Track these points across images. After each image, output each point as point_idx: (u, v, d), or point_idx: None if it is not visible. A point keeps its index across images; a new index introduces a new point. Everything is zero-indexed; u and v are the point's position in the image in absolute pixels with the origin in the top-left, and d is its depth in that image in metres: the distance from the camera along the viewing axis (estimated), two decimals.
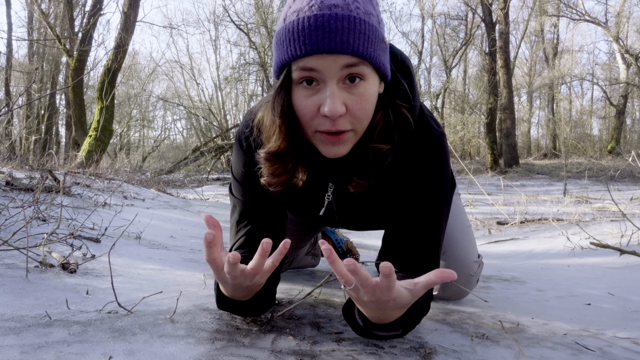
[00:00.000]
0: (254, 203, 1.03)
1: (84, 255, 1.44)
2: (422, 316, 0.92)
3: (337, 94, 0.79)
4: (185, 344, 0.77)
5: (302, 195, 1.04)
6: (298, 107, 0.83)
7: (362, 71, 0.79)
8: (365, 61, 0.79)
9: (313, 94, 0.81)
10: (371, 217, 1.07)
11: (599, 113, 22.47)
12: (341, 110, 0.79)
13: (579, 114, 23.28)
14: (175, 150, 17.42)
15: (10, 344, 0.71)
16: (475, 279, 1.28)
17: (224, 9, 16.86)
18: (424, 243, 0.95)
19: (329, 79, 0.78)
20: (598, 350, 0.93)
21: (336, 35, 0.75)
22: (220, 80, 18.72)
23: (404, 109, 0.91)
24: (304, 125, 0.85)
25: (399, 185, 0.96)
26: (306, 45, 0.76)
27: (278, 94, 0.84)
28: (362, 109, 0.82)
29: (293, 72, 0.80)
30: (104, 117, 7.40)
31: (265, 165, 0.93)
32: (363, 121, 0.84)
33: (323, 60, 0.77)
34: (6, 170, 3.33)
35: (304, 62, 0.78)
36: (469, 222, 1.30)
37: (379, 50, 0.81)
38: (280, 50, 0.81)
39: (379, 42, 0.81)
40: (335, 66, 0.77)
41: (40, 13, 10.76)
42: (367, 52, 0.78)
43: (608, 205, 4.37)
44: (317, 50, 0.76)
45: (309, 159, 0.95)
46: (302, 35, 0.76)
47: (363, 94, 0.81)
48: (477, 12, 16.49)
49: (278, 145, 0.88)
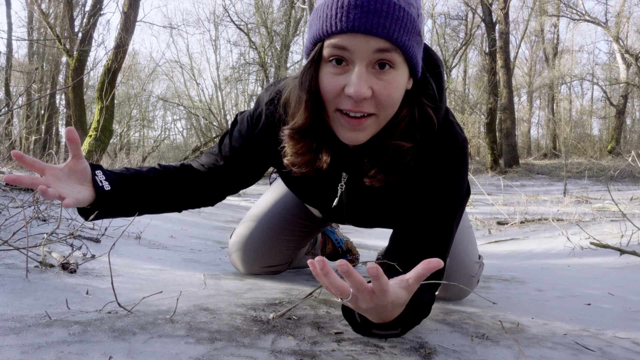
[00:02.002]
0: (234, 160, 1.09)
1: (84, 255, 1.44)
2: (422, 317, 0.91)
3: (365, 77, 0.78)
4: (185, 344, 0.77)
5: (316, 183, 1.05)
6: (323, 84, 0.82)
7: (394, 58, 0.78)
8: (398, 49, 0.78)
9: (341, 73, 0.80)
10: (381, 214, 1.07)
11: (599, 113, 22.47)
12: (366, 93, 0.78)
13: (579, 114, 23.28)
14: (175, 150, 17.43)
15: (10, 344, 0.71)
16: (476, 280, 1.28)
17: (224, 9, 16.89)
18: (433, 248, 0.94)
19: (359, 60, 0.78)
20: (598, 350, 0.93)
21: (374, 16, 0.75)
22: (220, 80, 18.71)
23: (430, 109, 0.90)
24: (326, 103, 0.84)
25: (414, 186, 0.95)
26: (342, 23, 0.76)
27: (307, 70, 0.84)
28: (388, 96, 0.81)
29: (324, 49, 0.80)
30: (104, 117, 7.39)
31: (289, 144, 0.92)
32: (388, 109, 0.83)
33: (356, 40, 0.76)
34: (6, 170, 3.33)
35: (337, 40, 0.77)
36: (469, 223, 1.30)
37: (413, 42, 0.80)
38: (316, 26, 0.80)
39: (415, 34, 0.80)
40: (367, 48, 0.77)
41: (40, 13, 10.76)
42: (402, 39, 0.77)
43: (608, 205, 4.37)
44: (351, 28, 0.75)
45: (329, 144, 0.94)
46: (339, 12, 0.76)
47: (391, 82, 0.80)
48: (477, 12, 16.49)
49: (303, 121, 0.88)
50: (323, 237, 1.83)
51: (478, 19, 16.74)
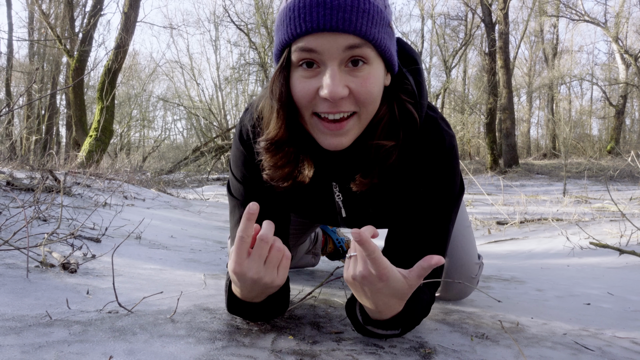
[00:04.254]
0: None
1: (84, 255, 1.44)
2: (422, 317, 0.91)
3: (338, 76, 0.74)
4: (186, 344, 0.78)
5: (306, 196, 1.02)
6: (295, 89, 0.78)
7: (366, 54, 0.75)
8: (369, 43, 0.74)
9: (313, 76, 0.76)
10: (375, 217, 1.05)
11: (599, 113, 22.48)
12: (342, 92, 0.74)
13: (579, 114, 23.29)
14: (176, 150, 17.42)
15: (11, 344, 0.71)
16: (476, 281, 1.28)
17: (224, 9, 16.88)
18: (429, 247, 0.93)
19: (330, 60, 0.74)
20: (597, 349, 0.93)
21: (338, 12, 0.71)
22: (220, 81, 18.73)
23: (410, 105, 0.86)
24: (301, 109, 0.80)
25: (406, 186, 0.93)
26: (306, 23, 0.72)
27: (277, 77, 0.79)
28: (367, 92, 0.77)
29: (292, 54, 0.76)
30: (105, 117, 7.40)
31: (266, 157, 0.88)
32: (368, 105, 0.79)
33: (324, 40, 0.73)
34: (7, 170, 3.33)
35: (304, 43, 0.74)
36: (469, 222, 1.30)
37: (384, 34, 0.76)
38: (281, 31, 0.77)
39: (385, 26, 0.76)
40: (336, 47, 0.73)
41: (40, 13, 10.76)
42: (371, 32, 0.74)
43: (607, 205, 4.37)
44: (317, 27, 0.72)
45: (310, 153, 0.90)
46: (302, 13, 0.72)
47: (367, 77, 0.76)
48: (476, 13, 16.49)
49: (277, 132, 0.83)
50: (324, 236, 1.83)
51: (478, 20, 16.75)
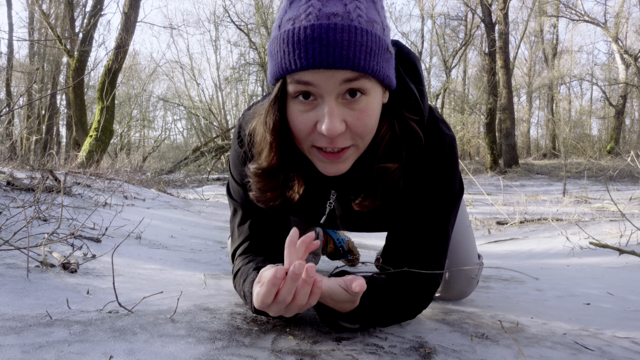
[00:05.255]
0: (255, 206, 0.99)
1: (84, 255, 1.44)
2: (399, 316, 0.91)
3: (336, 111, 0.73)
4: (186, 344, 0.78)
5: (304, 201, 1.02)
6: (293, 123, 0.77)
7: (363, 85, 0.73)
8: (367, 75, 0.72)
9: (310, 109, 0.75)
10: (374, 221, 1.05)
11: (598, 113, 22.48)
12: (340, 128, 0.73)
13: (578, 114, 23.29)
14: (176, 150, 17.42)
15: (11, 344, 0.71)
16: (476, 281, 1.28)
17: (224, 9, 16.88)
18: (430, 249, 0.93)
19: (327, 94, 0.72)
20: (597, 349, 0.93)
21: (334, 49, 0.68)
22: (220, 81, 18.72)
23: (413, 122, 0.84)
24: (299, 141, 0.79)
25: (406, 190, 0.92)
26: (302, 60, 0.70)
27: (271, 108, 0.78)
28: (363, 125, 0.76)
29: (288, 85, 0.74)
30: (105, 118, 7.40)
31: (253, 181, 0.88)
32: (365, 137, 0.78)
33: (320, 75, 0.71)
34: (7, 170, 3.33)
35: (300, 76, 0.72)
36: (469, 222, 1.30)
37: (382, 62, 0.74)
38: (275, 61, 0.74)
39: (383, 53, 0.74)
40: (333, 81, 0.71)
41: (41, 13, 10.76)
42: (369, 66, 0.71)
43: (607, 205, 4.37)
44: (313, 65, 0.69)
45: (306, 173, 0.90)
46: (297, 48, 0.70)
47: (364, 110, 0.75)
48: (476, 13, 16.49)
49: (269, 162, 0.83)
50: (325, 236, 1.83)
51: (477, 20, 16.75)
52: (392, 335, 0.91)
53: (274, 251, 1.00)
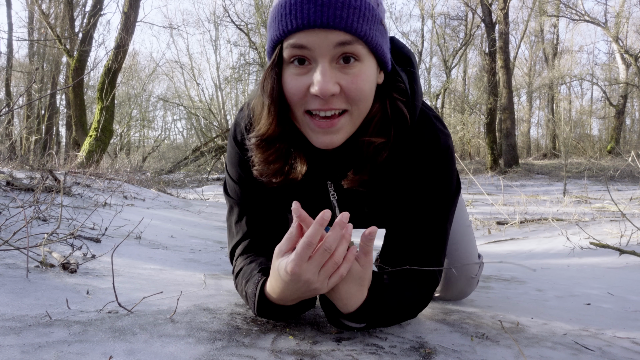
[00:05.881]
0: (251, 203, 1.00)
1: (84, 255, 1.44)
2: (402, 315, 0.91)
3: (329, 72, 0.75)
4: (186, 344, 0.77)
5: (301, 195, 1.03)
6: (287, 87, 0.79)
7: (357, 51, 0.75)
8: (360, 40, 0.74)
9: (304, 73, 0.77)
10: (372, 217, 1.06)
11: (599, 113, 22.49)
12: (333, 88, 0.75)
13: (579, 114, 23.29)
14: (176, 150, 17.43)
15: (10, 344, 0.71)
16: (476, 281, 1.28)
17: (224, 9, 16.88)
18: (427, 248, 0.93)
19: (321, 57, 0.74)
20: (597, 350, 0.93)
21: (329, 9, 0.71)
22: (220, 81, 18.73)
23: (401, 104, 0.86)
24: (293, 107, 0.80)
25: (402, 186, 0.93)
26: (297, 19, 0.73)
27: (268, 73, 0.80)
28: (358, 89, 0.77)
29: (284, 50, 0.77)
30: (104, 117, 7.40)
31: (256, 153, 0.88)
32: (360, 103, 0.79)
33: (315, 36, 0.73)
34: (7, 170, 3.33)
35: (295, 39, 0.74)
36: (469, 222, 1.30)
37: (376, 31, 0.76)
38: (273, 28, 0.77)
39: (377, 23, 0.76)
40: (327, 43, 0.73)
41: (40, 13, 10.76)
42: (362, 29, 0.73)
43: (607, 205, 4.37)
44: (308, 24, 0.72)
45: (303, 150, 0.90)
46: (293, 9, 0.73)
47: (358, 74, 0.76)
48: (476, 13, 16.49)
49: (267, 128, 0.84)
50: None
51: (478, 19, 16.75)
52: (392, 336, 0.91)
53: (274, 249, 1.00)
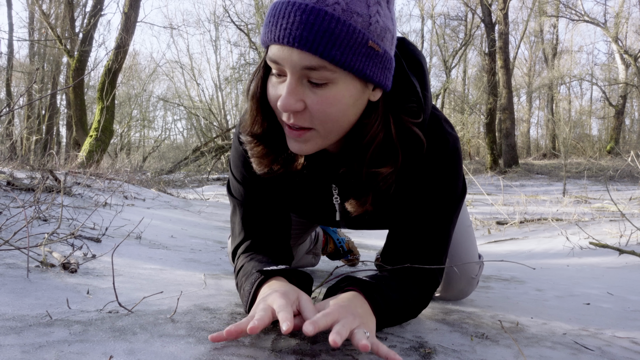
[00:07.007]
0: (255, 203, 1.00)
1: (84, 255, 1.44)
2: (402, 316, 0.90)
3: (295, 89, 0.73)
4: (186, 344, 0.78)
5: (305, 196, 1.03)
6: (268, 93, 0.79)
7: (325, 76, 0.71)
8: (331, 64, 0.70)
9: (280, 82, 0.77)
10: (375, 219, 1.05)
11: (598, 113, 22.48)
12: (295, 106, 0.73)
13: (578, 114, 23.29)
14: (176, 150, 17.43)
15: (11, 344, 0.71)
16: (476, 281, 1.28)
17: (224, 9, 16.89)
18: (430, 251, 0.93)
19: (290, 73, 0.73)
20: (597, 349, 0.93)
21: (297, 28, 0.68)
22: (220, 81, 18.73)
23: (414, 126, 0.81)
24: (274, 110, 0.81)
25: (406, 189, 0.92)
26: (272, 33, 0.72)
27: (255, 75, 0.81)
28: (322, 111, 0.74)
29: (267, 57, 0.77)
30: (105, 118, 7.40)
31: (248, 149, 0.89)
32: (326, 124, 0.76)
33: (285, 53, 0.71)
34: (7, 170, 3.33)
35: (271, 52, 0.74)
36: (469, 222, 1.30)
37: (355, 55, 0.70)
38: (261, 32, 0.77)
39: (359, 47, 0.70)
40: (293, 63, 0.71)
41: (41, 14, 10.76)
42: (330, 54, 0.69)
43: (607, 205, 4.37)
44: (278, 39, 0.71)
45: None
46: (273, 21, 0.72)
47: (327, 97, 0.73)
48: (476, 13, 16.49)
49: (251, 128, 0.86)
50: (325, 236, 1.83)
51: (477, 20, 16.74)
52: (392, 335, 0.91)
53: (276, 249, 1.00)
